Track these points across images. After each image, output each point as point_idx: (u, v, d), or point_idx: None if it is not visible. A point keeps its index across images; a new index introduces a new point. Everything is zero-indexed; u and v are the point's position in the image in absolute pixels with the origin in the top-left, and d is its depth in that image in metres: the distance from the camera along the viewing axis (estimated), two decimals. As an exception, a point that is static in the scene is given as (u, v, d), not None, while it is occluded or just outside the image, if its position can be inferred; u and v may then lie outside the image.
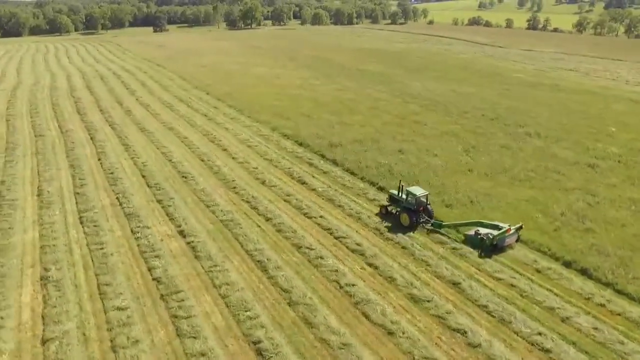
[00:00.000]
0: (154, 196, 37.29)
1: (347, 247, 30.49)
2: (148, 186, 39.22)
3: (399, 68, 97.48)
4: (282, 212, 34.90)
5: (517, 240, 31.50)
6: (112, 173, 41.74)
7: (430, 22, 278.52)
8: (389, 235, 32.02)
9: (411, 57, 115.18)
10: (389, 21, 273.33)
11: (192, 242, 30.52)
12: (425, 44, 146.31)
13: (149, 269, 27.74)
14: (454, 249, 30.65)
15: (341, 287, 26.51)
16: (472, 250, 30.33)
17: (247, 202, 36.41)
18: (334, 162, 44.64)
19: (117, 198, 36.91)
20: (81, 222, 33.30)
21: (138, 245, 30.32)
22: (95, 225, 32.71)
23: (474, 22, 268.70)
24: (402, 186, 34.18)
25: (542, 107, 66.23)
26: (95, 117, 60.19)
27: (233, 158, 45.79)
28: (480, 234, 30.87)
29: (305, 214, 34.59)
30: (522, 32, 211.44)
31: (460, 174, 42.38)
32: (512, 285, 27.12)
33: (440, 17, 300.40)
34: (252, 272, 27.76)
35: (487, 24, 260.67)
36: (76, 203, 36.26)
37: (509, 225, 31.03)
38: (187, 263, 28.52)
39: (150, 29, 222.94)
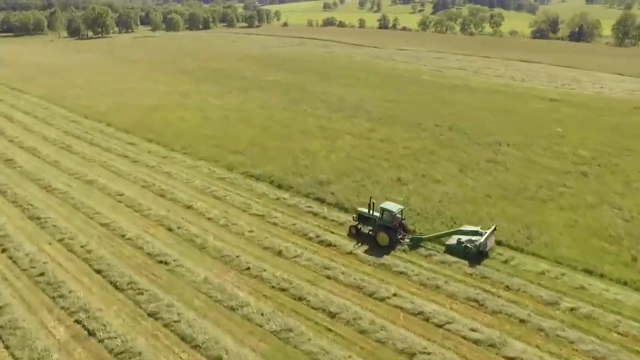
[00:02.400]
0: (139, 307, 24.27)
1: (465, 338, 22.44)
2: (117, 289, 25.78)
3: (306, 75, 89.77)
4: (342, 298, 25.13)
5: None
6: (41, 274, 26.93)
7: (285, 24, 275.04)
8: (492, 305, 24.66)
9: (305, 62, 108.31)
10: (245, 24, 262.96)
11: (259, 385, 19.39)
12: (305, 47, 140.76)
13: None
14: (571, 309, 24.51)
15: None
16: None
17: (282, 289, 25.73)
18: (341, 208, 35.43)
19: (78, 322, 23.21)
20: (40, 388, 19.51)
21: (175, 414, 18.18)
22: (70, 389, 19.30)
23: (328, 22, 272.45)
24: (373, 203, 30.99)
25: (478, 111, 64.69)
26: (-40, 176, 41.39)
27: (209, 219, 33.67)
28: (462, 242, 29.21)
29: (372, 296, 25.33)
30: (378, 32, 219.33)
31: (482, 202, 36.78)
32: (675, 352, 21.94)
33: (292, 18, 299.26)
34: (387, 423, 18.03)
35: (341, 24, 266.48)
36: (7, 348, 21.71)
37: (480, 228, 30.34)
38: None
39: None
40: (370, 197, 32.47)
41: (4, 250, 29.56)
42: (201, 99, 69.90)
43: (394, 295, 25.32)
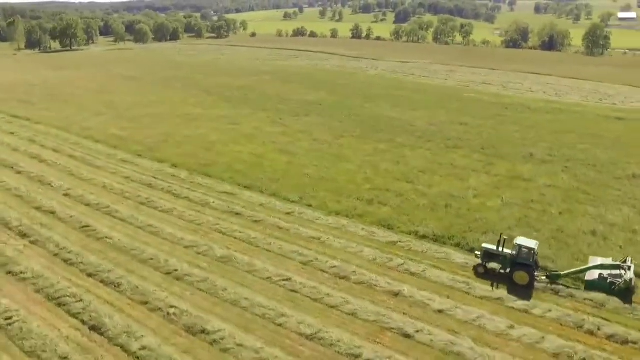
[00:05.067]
0: None
1: None
2: None
3: (343, 94, 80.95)
4: None
5: None
6: None
7: (253, 35, 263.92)
8: None
9: (325, 78, 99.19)
10: (214, 35, 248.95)
11: None
12: (305, 60, 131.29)
13: None
14: None
15: None
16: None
17: None
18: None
19: None
20: None
21: None
22: None
23: (299, 33, 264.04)
24: (505, 239, 28.09)
25: (565, 135, 57.93)
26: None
27: (439, 312, 24.40)
28: (606, 278, 26.52)
29: None
30: (360, 42, 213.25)
31: None
32: None
33: (258, 28, 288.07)
34: None
35: (313, 34, 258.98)
36: None
37: (612, 260, 28.00)
38: None
39: None
40: (501, 234, 28.56)
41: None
42: (256, 127, 59.40)
43: None
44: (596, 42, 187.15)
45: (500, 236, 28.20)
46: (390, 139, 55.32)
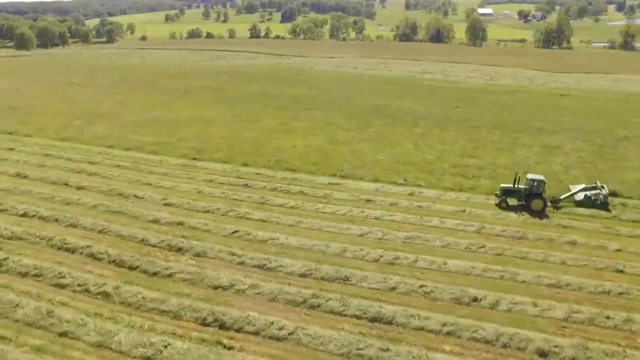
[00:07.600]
0: None
1: None
2: None
3: (321, 90, 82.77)
4: None
5: None
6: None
7: (143, 38, 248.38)
8: None
9: (282, 75, 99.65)
10: (104, 39, 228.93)
11: None
12: (235, 60, 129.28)
13: None
14: None
15: None
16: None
17: None
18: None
19: None
20: None
21: None
22: None
23: (194, 35, 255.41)
24: (519, 177, 35.51)
25: (541, 111, 68.08)
26: None
27: None
28: (591, 197, 35.19)
29: None
30: (265, 41, 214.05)
31: None
32: None
33: (143, 31, 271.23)
34: None
35: (210, 36, 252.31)
36: None
37: (586, 184, 37.14)
38: None
39: None
40: (517, 173, 36.31)
41: None
42: (281, 122, 58.92)
43: None
44: (476, 34, 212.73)
45: (516, 175, 35.58)
46: (414, 124, 59.26)
